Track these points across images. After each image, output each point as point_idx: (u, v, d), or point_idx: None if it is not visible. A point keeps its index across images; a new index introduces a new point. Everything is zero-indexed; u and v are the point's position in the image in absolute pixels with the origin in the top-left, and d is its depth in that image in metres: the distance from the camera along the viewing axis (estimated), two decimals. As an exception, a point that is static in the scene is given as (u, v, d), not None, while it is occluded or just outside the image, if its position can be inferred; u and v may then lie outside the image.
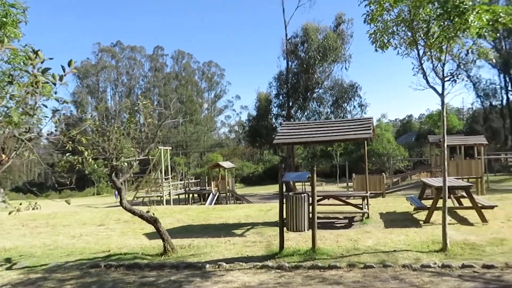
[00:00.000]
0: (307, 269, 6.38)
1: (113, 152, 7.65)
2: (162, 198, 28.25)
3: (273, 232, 8.97)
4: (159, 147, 31.88)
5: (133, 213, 8.04)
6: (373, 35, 8.02)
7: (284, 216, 7.41)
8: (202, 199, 30.89)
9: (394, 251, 7.00)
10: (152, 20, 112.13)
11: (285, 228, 7.44)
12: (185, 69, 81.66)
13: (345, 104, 43.05)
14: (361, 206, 10.26)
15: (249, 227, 10.24)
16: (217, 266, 6.80)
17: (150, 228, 8.74)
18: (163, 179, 29.83)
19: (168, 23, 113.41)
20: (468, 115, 62.84)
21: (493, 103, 54.38)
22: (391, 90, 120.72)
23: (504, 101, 52.87)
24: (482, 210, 8.90)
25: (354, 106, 43.71)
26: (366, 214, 10.02)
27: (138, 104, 8.53)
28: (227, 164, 32.15)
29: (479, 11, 6.79)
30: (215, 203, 26.76)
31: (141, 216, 8.07)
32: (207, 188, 30.47)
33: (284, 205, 7.36)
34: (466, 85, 54.02)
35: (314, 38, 42.62)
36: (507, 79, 50.26)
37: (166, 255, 7.77)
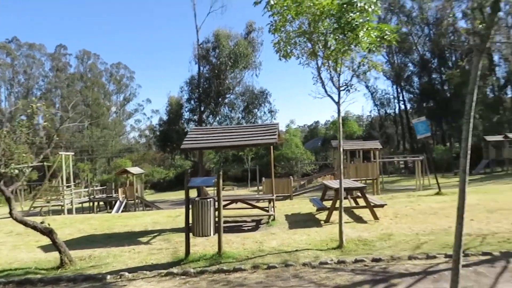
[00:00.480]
0: (213, 273, 6.42)
1: (1, 159, 6.98)
2: (63, 207, 26.27)
3: (181, 238, 8.86)
4: (60, 153, 29.67)
5: (25, 224, 7.42)
6: (277, 45, 8.36)
7: (191, 221, 7.38)
8: (108, 207, 29.38)
9: (296, 250, 7.35)
10: (54, 17, 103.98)
11: (191, 234, 7.41)
12: (91, 70, 76.93)
13: (256, 110, 44.21)
14: (267, 208, 10.61)
15: (156, 234, 10.00)
16: (118, 277, 6.53)
17: (47, 240, 8.09)
18: (65, 187, 27.78)
19: (72, 21, 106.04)
20: (367, 122, 68.35)
21: (388, 111, 59.97)
22: (300, 96, 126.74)
23: (397, 110, 58.60)
24: (374, 209, 9.76)
25: (265, 112, 45.09)
26: (272, 217, 10.38)
27: (32, 106, 7.89)
28: (135, 169, 31.03)
29: (369, 28, 7.47)
30: (122, 211, 25.62)
31: (34, 228, 7.46)
32: (114, 195, 29.07)
33: (190, 210, 7.34)
34: (365, 94, 59.00)
35: (226, 44, 43.16)
36: (399, 89, 55.75)
37: (63, 268, 7.26)
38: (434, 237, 7.73)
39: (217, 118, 43.74)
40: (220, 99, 44.47)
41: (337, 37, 7.72)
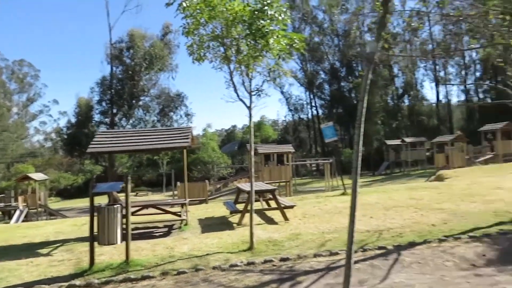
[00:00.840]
0: (119, 282, 6.16)
1: None
2: (-51, 220, 23.34)
3: (86, 248, 8.30)
4: None
5: None
6: (190, 48, 8.32)
7: (96, 229, 7.01)
8: (6, 217, 26.73)
9: (207, 254, 7.33)
10: None
11: (97, 242, 7.03)
12: (-11, 67, 69.28)
13: (172, 113, 43.53)
14: (180, 213, 10.45)
15: (58, 244, 9.31)
16: (12, 293, 5.98)
17: None
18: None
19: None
20: (282, 126, 70.70)
21: (301, 116, 62.64)
22: (218, 100, 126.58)
23: (310, 115, 61.45)
24: (285, 210, 10.10)
25: (181, 116, 44.60)
26: (184, 221, 10.26)
27: None
28: (38, 175, 28.67)
29: (279, 36, 7.75)
30: (23, 221, 23.48)
31: None
32: (14, 203, 26.51)
33: (96, 217, 6.97)
34: (280, 100, 61.04)
35: (141, 45, 41.93)
36: (311, 96, 58.59)
37: None
38: (337, 234, 8.22)
39: (131, 121, 42.25)
40: (134, 101, 43.03)
41: (249, 43, 7.89)
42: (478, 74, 49.23)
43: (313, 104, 58.73)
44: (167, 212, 10.56)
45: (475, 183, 14.26)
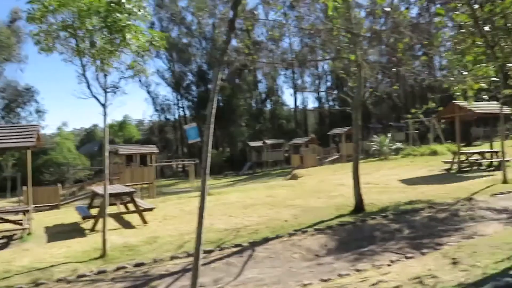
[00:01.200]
0: None
1: None
2: None
3: None
4: None
5: None
6: (36, 36, 7.50)
7: None
8: None
9: (52, 266, 6.63)
10: None
11: None
12: None
13: (20, 109, 38.63)
14: (22, 221, 9.25)
15: None
16: None
17: None
18: None
19: None
20: (148, 127, 68.49)
21: (168, 117, 61.48)
22: (78, 98, 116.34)
23: (177, 116, 60.70)
24: (144, 213, 9.74)
25: (31, 112, 39.90)
26: (27, 230, 9.11)
27: None
28: None
29: (137, 32, 7.45)
30: None
31: None
32: None
33: None
34: (146, 99, 59.04)
35: (-20, 29, 36.26)
36: (179, 97, 58.03)
37: None
38: (197, 235, 8.25)
39: (-35, 116, 36.17)
40: (-31, 94, 36.95)
41: (104, 36, 7.43)
42: (329, 83, 55.06)
43: (180, 105, 58.26)
44: (5, 220, 9.24)
45: (323, 181, 15.86)
